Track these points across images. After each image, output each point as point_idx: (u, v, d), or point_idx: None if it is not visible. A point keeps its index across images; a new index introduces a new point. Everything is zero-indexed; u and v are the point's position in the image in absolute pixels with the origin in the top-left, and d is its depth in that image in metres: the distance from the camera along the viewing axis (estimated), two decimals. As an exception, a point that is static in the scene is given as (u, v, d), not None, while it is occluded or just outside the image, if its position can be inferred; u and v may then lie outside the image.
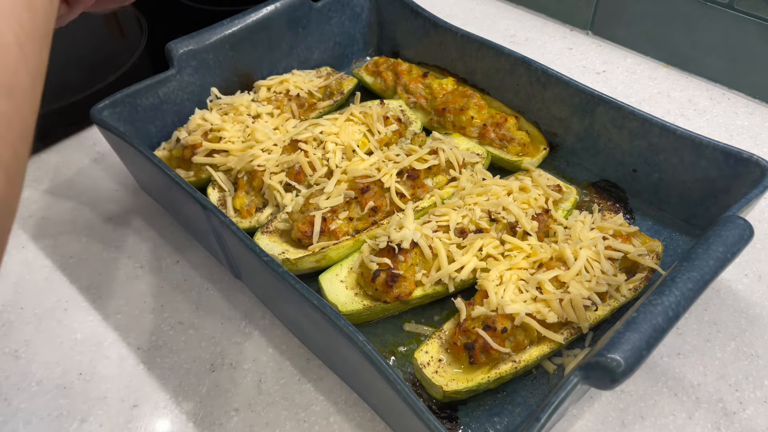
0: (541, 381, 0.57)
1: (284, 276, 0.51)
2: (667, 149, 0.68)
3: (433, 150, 0.71)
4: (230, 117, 0.75)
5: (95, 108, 0.67)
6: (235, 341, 0.61)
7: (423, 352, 0.56)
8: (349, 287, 0.61)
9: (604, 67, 0.98)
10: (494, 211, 0.64)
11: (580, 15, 1.05)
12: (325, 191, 0.66)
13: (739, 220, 0.53)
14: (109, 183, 0.79)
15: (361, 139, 0.74)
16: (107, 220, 0.74)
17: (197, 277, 0.68)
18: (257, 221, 0.69)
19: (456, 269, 0.60)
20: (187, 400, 0.57)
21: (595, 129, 0.73)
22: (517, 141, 0.76)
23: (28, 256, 0.70)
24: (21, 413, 0.56)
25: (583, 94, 0.72)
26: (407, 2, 0.88)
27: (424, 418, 0.43)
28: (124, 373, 0.59)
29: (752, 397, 0.57)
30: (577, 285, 0.57)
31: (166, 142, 0.76)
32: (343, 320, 0.47)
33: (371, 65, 0.89)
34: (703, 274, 0.48)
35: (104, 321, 0.63)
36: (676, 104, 0.90)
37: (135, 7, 1.10)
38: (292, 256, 0.63)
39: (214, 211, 0.57)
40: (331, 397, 0.57)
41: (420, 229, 0.62)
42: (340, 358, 0.54)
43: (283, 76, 0.82)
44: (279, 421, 0.55)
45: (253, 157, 0.70)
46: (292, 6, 0.83)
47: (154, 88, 0.73)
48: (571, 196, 0.70)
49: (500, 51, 0.79)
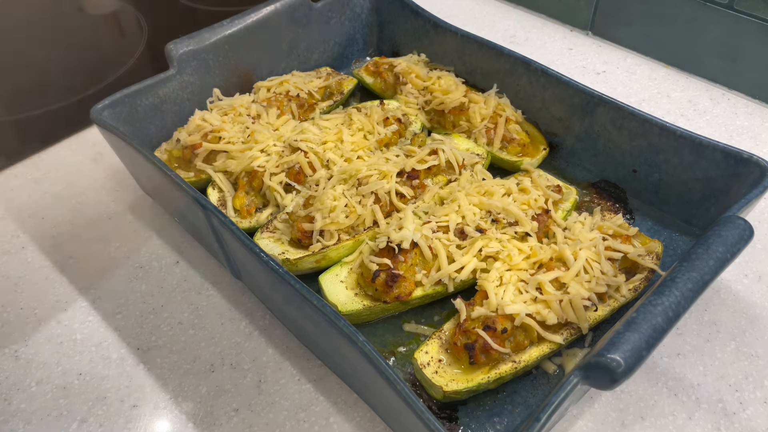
0: (541, 381, 0.57)
1: (284, 276, 0.51)
2: (667, 149, 0.68)
3: (432, 150, 0.71)
4: (230, 118, 0.75)
5: (95, 108, 0.67)
6: (235, 341, 0.61)
7: (423, 352, 0.56)
8: (349, 287, 0.61)
9: (604, 67, 0.98)
10: (494, 211, 0.65)
11: (580, 15, 1.05)
12: (325, 192, 0.66)
13: (739, 221, 0.53)
14: (109, 183, 0.79)
15: (360, 139, 0.74)
16: (107, 220, 0.74)
17: (197, 277, 0.68)
18: (257, 221, 0.69)
19: (456, 270, 0.60)
20: (187, 400, 0.57)
21: (595, 129, 0.73)
22: (517, 141, 0.77)
23: (28, 256, 0.70)
24: (21, 413, 0.56)
25: (583, 94, 0.72)
26: (407, 2, 0.88)
27: (424, 418, 0.43)
28: (124, 373, 0.59)
29: (752, 398, 0.57)
30: (576, 285, 0.57)
31: (166, 142, 0.76)
32: (343, 320, 0.47)
33: (371, 65, 0.89)
34: (703, 275, 0.48)
35: (104, 321, 0.63)
36: (676, 104, 0.90)
37: (135, 7, 1.10)
38: (292, 256, 0.63)
39: (214, 211, 0.57)
40: (331, 397, 0.57)
41: (420, 229, 0.62)
42: (340, 358, 0.54)
43: (282, 77, 0.82)
44: (279, 421, 0.55)
45: (252, 159, 0.70)
46: (292, 6, 0.83)
47: (154, 88, 0.73)
48: (571, 197, 0.70)
49: (500, 51, 0.79)
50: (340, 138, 0.73)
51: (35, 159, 0.82)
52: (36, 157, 0.83)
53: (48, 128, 0.85)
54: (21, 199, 0.77)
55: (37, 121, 0.86)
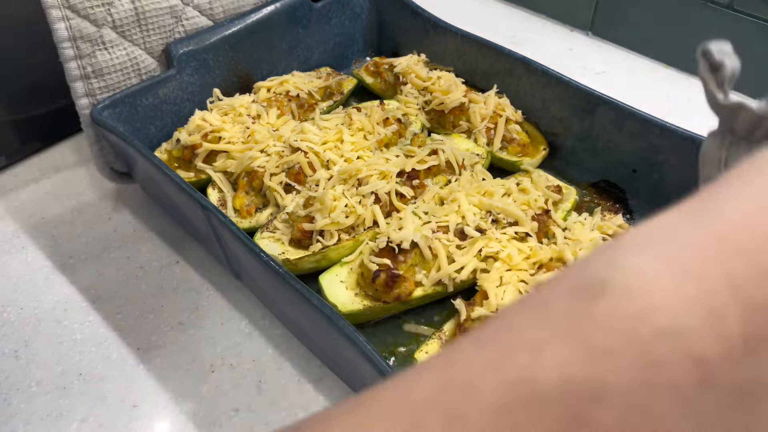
0: (541, 381, 0.57)
1: (284, 276, 0.51)
2: (667, 149, 0.68)
3: (432, 150, 0.71)
4: (230, 118, 0.75)
5: (95, 108, 0.67)
6: (235, 341, 0.61)
7: (423, 352, 0.56)
8: (349, 287, 0.61)
9: (604, 67, 0.98)
10: (494, 211, 0.65)
11: (580, 16, 1.05)
12: (325, 192, 0.66)
13: (739, 221, 0.53)
14: (109, 183, 0.79)
15: (360, 139, 0.74)
16: (107, 220, 0.74)
17: (197, 277, 0.68)
18: (257, 221, 0.69)
19: (456, 270, 0.60)
20: (187, 400, 0.57)
21: (595, 129, 0.73)
22: (517, 141, 0.77)
23: (28, 256, 0.70)
24: (21, 413, 0.56)
25: (583, 94, 0.72)
26: (407, 2, 0.88)
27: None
28: (124, 373, 0.59)
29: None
30: (577, 285, 0.56)
31: (167, 142, 0.76)
32: (343, 320, 0.47)
33: (371, 66, 0.89)
34: (703, 275, 0.48)
35: (104, 321, 0.63)
36: (676, 104, 0.90)
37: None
38: (292, 256, 0.63)
39: (214, 211, 0.57)
40: (331, 397, 0.57)
41: (420, 229, 0.62)
42: (340, 358, 0.54)
43: (282, 77, 0.82)
44: (279, 421, 0.55)
45: (252, 159, 0.70)
46: (292, 6, 0.83)
47: (154, 88, 0.73)
48: (571, 197, 0.70)
49: (500, 51, 0.79)
50: (340, 138, 0.73)
51: (35, 159, 0.82)
52: (36, 157, 0.83)
53: (48, 128, 0.85)
54: (21, 199, 0.77)
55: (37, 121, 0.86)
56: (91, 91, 0.67)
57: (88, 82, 0.66)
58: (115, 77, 0.69)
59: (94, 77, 0.66)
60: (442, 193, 0.69)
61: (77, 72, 0.65)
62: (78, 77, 0.65)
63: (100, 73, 0.67)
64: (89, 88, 0.67)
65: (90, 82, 0.66)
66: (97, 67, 0.67)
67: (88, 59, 0.65)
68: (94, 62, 0.66)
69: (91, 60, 0.66)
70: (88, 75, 0.66)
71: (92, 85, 0.67)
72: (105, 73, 0.67)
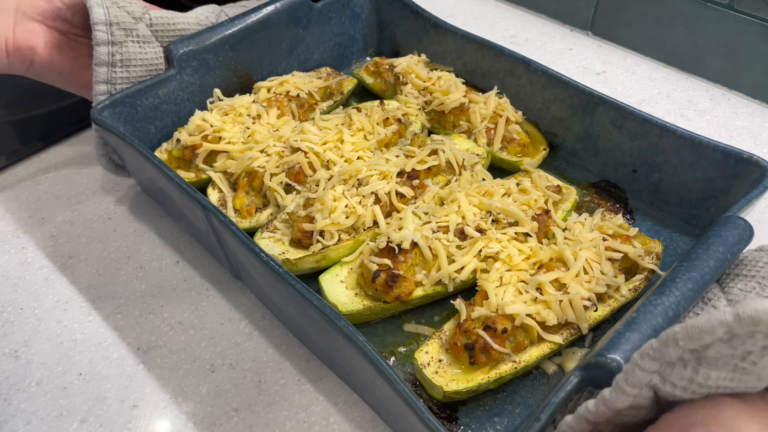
0: (541, 381, 0.57)
1: (284, 276, 0.51)
2: (667, 149, 0.68)
3: (432, 151, 0.71)
4: (230, 118, 0.75)
5: (95, 108, 0.67)
6: (235, 341, 0.61)
7: (423, 352, 0.56)
8: (349, 287, 0.61)
9: (604, 67, 0.98)
10: (494, 211, 0.65)
11: (580, 15, 1.05)
12: (325, 192, 0.66)
13: (739, 221, 0.53)
14: (109, 183, 0.79)
15: (361, 140, 0.74)
16: (107, 220, 0.74)
17: (197, 277, 0.68)
18: (257, 221, 0.69)
19: (456, 270, 0.60)
20: (187, 400, 0.57)
21: (595, 129, 0.73)
22: (517, 141, 0.77)
23: (28, 256, 0.70)
24: (21, 413, 0.56)
25: (583, 94, 0.72)
26: (407, 2, 0.88)
27: (424, 418, 0.43)
28: (123, 373, 0.59)
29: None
30: (576, 286, 0.57)
31: (167, 142, 0.76)
32: (343, 320, 0.47)
33: (371, 66, 0.89)
34: (703, 274, 0.48)
35: (104, 321, 0.63)
36: (676, 105, 0.90)
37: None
38: (292, 256, 0.63)
39: (214, 211, 0.57)
40: (331, 397, 0.57)
41: (420, 229, 0.62)
42: (340, 358, 0.54)
43: (283, 77, 0.82)
44: (279, 421, 0.55)
45: (252, 159, 0.70)
46: (292, 6, 0.83)
47: (154, 88, 0.73)
48: (571, 197, 0.70)
49: (500, 51, 0.79)
50: (341, 138, 0.73)
51: (35, 159, 0.82)
52: (36, 157, 0.83)
53: (48, 128, 0.85)
54: (21, 199, 0.77)
55: (37, 121, 0.86)
56: (112, 79, 0.68)
57: (113, 70, 0.68)
58: (139, 71, 0.71)
59: (120, 66, 0.68)
60: (442, 193, 0.69)
61: (105, 57, 0.67)
62: (105, 63, 0.67)
63: (126, 63, 0.68)
64: (112, 76, 0.68)
65: (114, 70, 0.68)
66: (126, 57, 0.68)
67: (119, 47, 0.67)
68: (124, 51, 0.67)
69: (122, 49, 0.67)
70: (115, 63, 0.67)
71: (115, 73, 0.68)
72: (131, 65, 0.68)
